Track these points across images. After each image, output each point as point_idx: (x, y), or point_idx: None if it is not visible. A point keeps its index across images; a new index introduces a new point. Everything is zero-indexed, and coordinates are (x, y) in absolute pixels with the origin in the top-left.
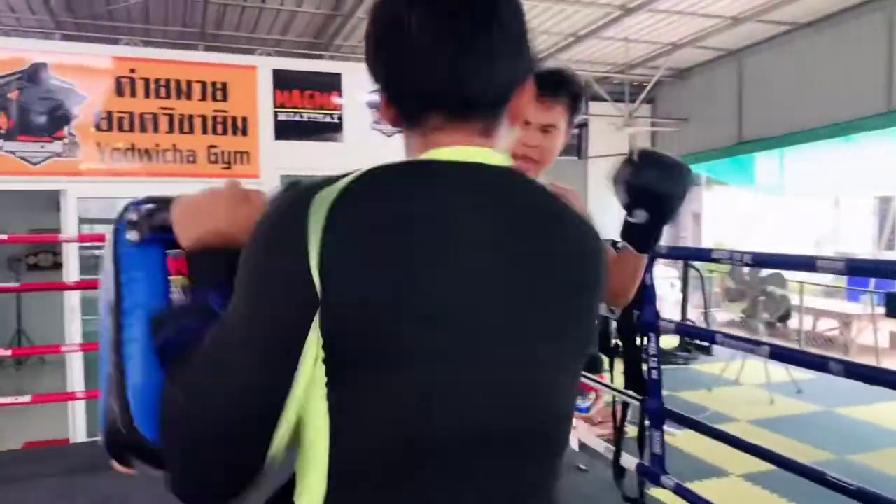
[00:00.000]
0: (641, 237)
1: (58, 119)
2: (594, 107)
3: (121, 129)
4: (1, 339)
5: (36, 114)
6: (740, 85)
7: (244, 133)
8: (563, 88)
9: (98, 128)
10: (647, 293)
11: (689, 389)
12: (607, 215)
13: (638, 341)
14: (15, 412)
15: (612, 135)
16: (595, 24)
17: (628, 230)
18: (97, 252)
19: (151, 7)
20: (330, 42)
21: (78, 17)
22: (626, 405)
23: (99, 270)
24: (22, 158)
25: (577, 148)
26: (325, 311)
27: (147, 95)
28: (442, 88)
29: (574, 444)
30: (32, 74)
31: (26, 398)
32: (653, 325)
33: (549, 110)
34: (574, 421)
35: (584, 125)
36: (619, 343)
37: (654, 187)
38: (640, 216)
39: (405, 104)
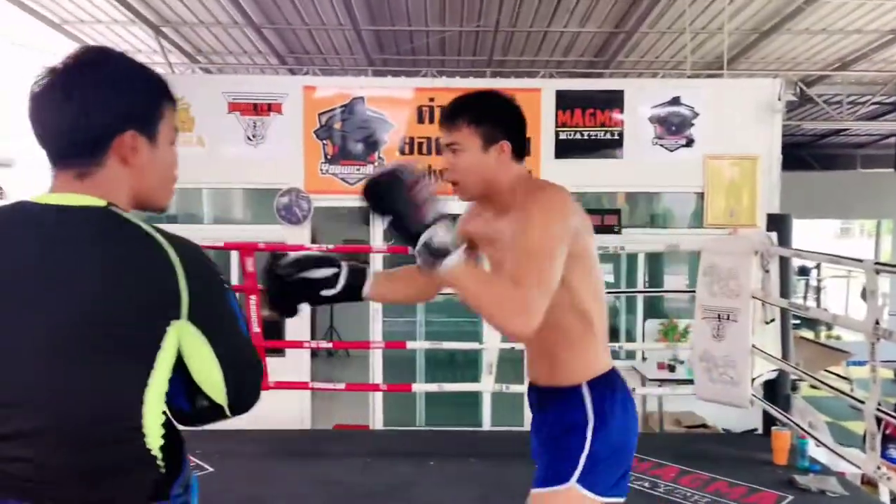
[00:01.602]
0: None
1: (370, 145)
2: None
3: (420, 152)
4: (318, 334)
5: (353, 141)
6: None
7: (527, 153)
8: (459, 112)
9: (402, 152)
10: None
11: None
12: None
13: None
14: (326, 397)
15: None
16: None
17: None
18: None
19: (448, 39)
20: (611, 59)
21: (386, 53)
22: None
23: None
24: (342, 179)
25: (893, 158)
26: None
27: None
28: (41, 142)
29: (885, 497)
30: (352, 107)
31: (341, 385)
32: None
33: (448, 131)
34: (886, 470)
35: None
36: None
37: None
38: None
39: None
